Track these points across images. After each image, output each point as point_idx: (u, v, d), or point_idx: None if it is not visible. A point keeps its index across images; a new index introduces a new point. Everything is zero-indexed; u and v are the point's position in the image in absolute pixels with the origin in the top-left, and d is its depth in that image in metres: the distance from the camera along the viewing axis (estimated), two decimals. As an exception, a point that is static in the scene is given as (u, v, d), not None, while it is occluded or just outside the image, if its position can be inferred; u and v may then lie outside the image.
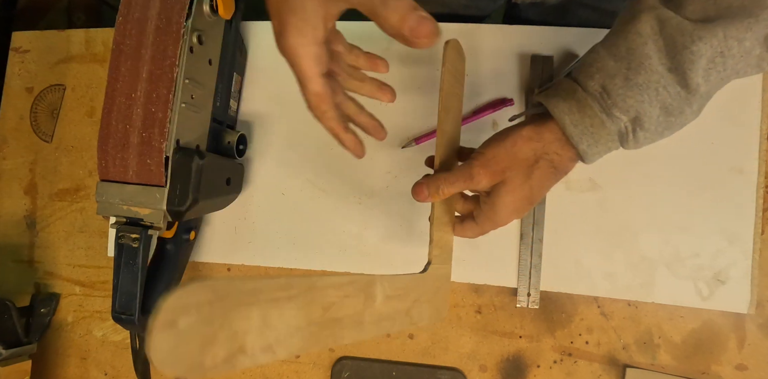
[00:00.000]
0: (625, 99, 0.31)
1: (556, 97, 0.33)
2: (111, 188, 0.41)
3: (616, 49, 0.31)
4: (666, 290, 0.47)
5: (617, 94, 0.31)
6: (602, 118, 0.32)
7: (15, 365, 0.51)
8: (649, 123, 0.31)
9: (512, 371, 0.49)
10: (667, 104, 0.31)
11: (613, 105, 0.31)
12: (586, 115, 0.32)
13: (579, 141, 0.32)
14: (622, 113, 0.31)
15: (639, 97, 0.30)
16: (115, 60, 0.41)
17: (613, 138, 0.32)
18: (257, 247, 0.53)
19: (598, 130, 0.32)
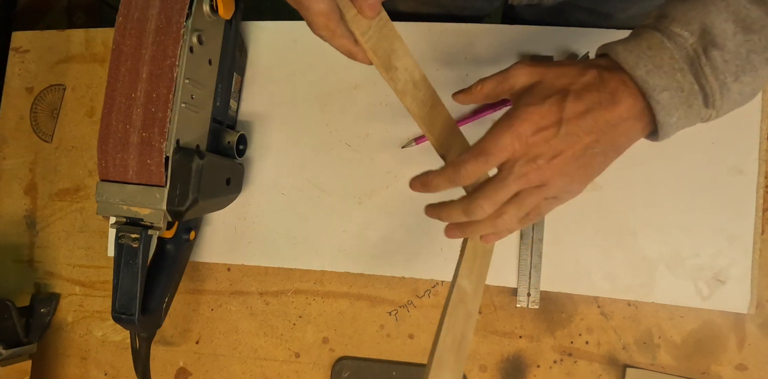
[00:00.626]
0: (686, 12, 0.26)
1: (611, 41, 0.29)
2: (111, 188, 0.41)
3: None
4: (666, 290, 0.47)
5: (675, 9, 0.26)
6: (660, 38, 0.26)
7: (15, 365, 0.51)
8: (724, 39, 0.25)
9: (512, 371, 0.49)
10: (743, 16, 0.25)
11: (672, 21, 0.26)
12: (642, 39, 0.27)
13: (635, 65, 0.26)
14: (683, 28, 0.26)
15: (702, 7, 0.25)
16: (115, 60, 0.41)
17: (681, 65, 0.26)
18: (257, 247, 0.53)
19: (657, 52, 0.26)
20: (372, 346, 0.51)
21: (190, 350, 0.54)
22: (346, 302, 0.52)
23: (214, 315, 0.54)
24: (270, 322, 0.53)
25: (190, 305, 0.54)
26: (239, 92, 0.54)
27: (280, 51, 0.55)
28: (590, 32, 0.50)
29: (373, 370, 0.50)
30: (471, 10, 0.59)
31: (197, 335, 0.54)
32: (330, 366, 0.51)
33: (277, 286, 0.53)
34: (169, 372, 0.54)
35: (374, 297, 0.51)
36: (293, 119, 0.54)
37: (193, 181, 0.41)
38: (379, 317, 0.51)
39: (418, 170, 0.51)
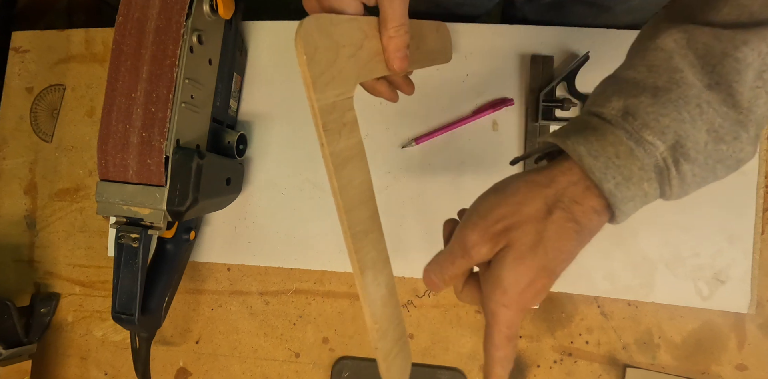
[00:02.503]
0: (658, 118, 0.23)
1: (567, 131, 0.26)
2: (111, 188, 0.41)
3: (633, 71, 0.26)
4: (666, 289, 0.47)
5: (646, 112, 0.24)
6: (630, 145, 0.24)
7: (15, 364, 0.51)
8: (695, 150, 0.23)
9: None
10: (716, 126, 0.23)
11: (643, 126, 0.24)
12: (608, 142, 0.24)
13: (603, 177, 0.24)
14: (656, 137, 0.23)
15: (676, 114, 0.23)
16: (115, 60, 0.41)
17: (649, 175, 0.24)
18: (257, 247, 0.53)
19: (626, 162, 0.24)
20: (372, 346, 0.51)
21: (190, 350, 0.54)
22: (346, 301, 0.52)
23: (214, 315, 0.54)
24: (270, 322, 0.53)
25: (190, 305, 0.54)
26: (239, 92, 0.54)
27: (280, 51, 0.55)
28: (590, 32, 0.50)
29: (373, 370, 0.50)
30: (469, 6, 0.59)
31: (197, 335, 0.54)
32: (330, 366, 0.51)
33: (277, 286, 0.53)
34: (169, 372, 0.54)
35: (374, 297, 0.51)
36: (293, 119, 0.54)
37: (193, 181, 0.41)
38: (379, 317, 0.51)
39: (418, 170, 0.52)
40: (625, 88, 0.25)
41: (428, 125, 0.52)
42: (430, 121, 0.52)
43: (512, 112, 0.51)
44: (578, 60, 0.49)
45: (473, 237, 0.26)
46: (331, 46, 0.28)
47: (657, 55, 0.25)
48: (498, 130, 0.51)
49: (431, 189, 0.51)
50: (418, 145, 0.51)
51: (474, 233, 0.26)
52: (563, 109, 0.48)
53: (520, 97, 0.51)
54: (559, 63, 0.51)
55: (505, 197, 0.26)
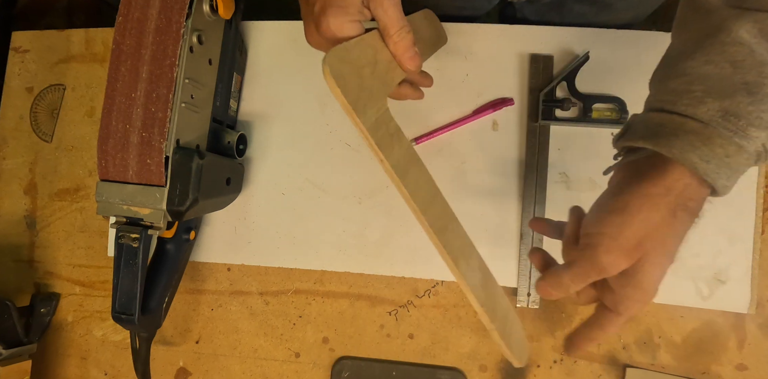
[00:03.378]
0: (761, 115, 0.26)
1: (661, 137, 0.27)
2: (111, 188, 0.41)
3: (715, 67, 0.27)
4: (666, 289, 0.47)
5: (747, 111, 0.26)
6: (739, 143, 0.26)
7: (15, 364, 0.51)
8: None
9: (512, 371, 0.49)
10: None
11: (748, 125, 0.26)
12: (717, 144, 0.26)
13: (717, 177, 0.26)
14: (760, 131, 0.26)
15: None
16: (115, 60, 0.41)
17: (750, 161, 0.27)
18: (257, 247, 0.53)
19: (736, 158, 0.26)
20: (372, 346, 0.51)
21: (190, 350, 0.54)
22: (346, 301, 0.52)
23: (214, 315, 0.54)
24: (270, 322, 0.53)
25: (190, 305, 0.54)
26: (239, 92, 0.54)
27: (280, 51, 0.55)
28: (590, 32, 0.50)
29: (373, 370, 0.50)
30: (470, 9, 0.59)
31: (197, 335, 0.54)
32: (330, 366, 0.51)
33: (277, 286, 0.53)
34: (169, 372, 0.54)
35: (374, 297, 0.51)
36: (293, 119, 0.54)
37: (193, 181, 0.41)
38: (379, 317, 0.51)
39: (418, 170, 0.52)
40: (715, 88, 0.26)
41: (428, 125, 0.52)
42: (430, 121, 0.52)
43: (512, 112, 0.51)
44: (578, 60, 0.49)
45: (610, 258, 0.28)
46: (353, 70, 0.30)
47: (738, 50, 0.26)
48: (498, 130, 0.51)
49: (431, 189, 0.51)
50: (418, 145, 0.51)
51: (610, 255, 0.28)
52: (563, 109, 0.48)
53: (520, 97, 0.51)
54: (559, 63, 0.51)
55: (630, 216, 0.27)
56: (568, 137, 0.50)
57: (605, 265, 0.28)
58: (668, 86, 0.28)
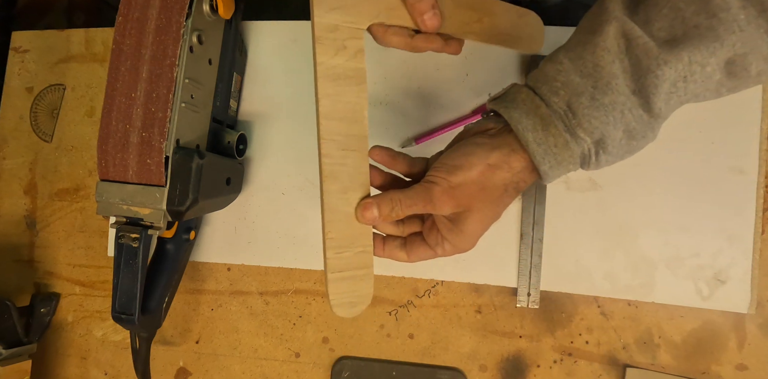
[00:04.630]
0: (591, 120, 0.30)
1: (517, 110, 0.31)
2: (111, 188, 0.41)
3: (582, 64, 0.30)
4: (666, 289, 0.47)
5: (583, 113, 0.30)
6: (566, 138, 0.30)
7: (15, 364, 0.51)
8: (612, 146, 0.30)
9: (512, 371, 0.49)
10: (630, 128, 0.30)
11: (578, 125, 0.30)
12: (551, 133, 0.30)
13: (541, 161, 0.31)
14: (586, 134, 0.30)
15: (604, 118, 0.29)
16: (115, 60, 0.41)
17: (575, 160, 0.31)
18: (257, 247, 0.53)
19: (561, 151, 0.31)
20: (372, 346, 0.51)
21: (190, 350, 0.54)
22: (346, 301, 0.52)
23: (214, 315, 0.54)
24: (270, 322, 0.53)
25: (190, 305, 0.54)
26: (239, 92, 0.54)
27: (280, 51, 0.55)
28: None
29: (373, 370, 0.50)
30: None
31: (197, 335, 0.54)
32: (330, 366, 0.51)
33: (277, 286, 0.53)
34: (169, 372, 0.54)
35: (374, 297, 0.51)
36: (293, 119, 0.54)
37: (193, 181, 0.41)
38: (379, 317, 0.51)
39: (418, 170, 0.51)
40: (571, 83, 0.30)
41: (428, 125, 0.52)
42: (430, 121, 0.52)
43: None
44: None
45: (443, 198, 0.32)
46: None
47: (603, 57, 0.30)
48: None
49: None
50: (418, 145, 0.51)
51: (443, 196, 0.32)
52: (563, 109, 0.48)
53: (520, 97, 0.51)
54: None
55: (472, 176, 0.32)
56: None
57: (435, 201, 0.32)
58: (545, 68, 0.32)
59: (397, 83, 0.53)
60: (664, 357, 0.47)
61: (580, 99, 0.30)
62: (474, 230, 0.33)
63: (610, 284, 0.48)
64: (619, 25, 0.30)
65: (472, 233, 0.34)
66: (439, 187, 0.32)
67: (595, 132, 0.30)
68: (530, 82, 0.33)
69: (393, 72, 0.53)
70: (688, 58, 0.28)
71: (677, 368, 0.47)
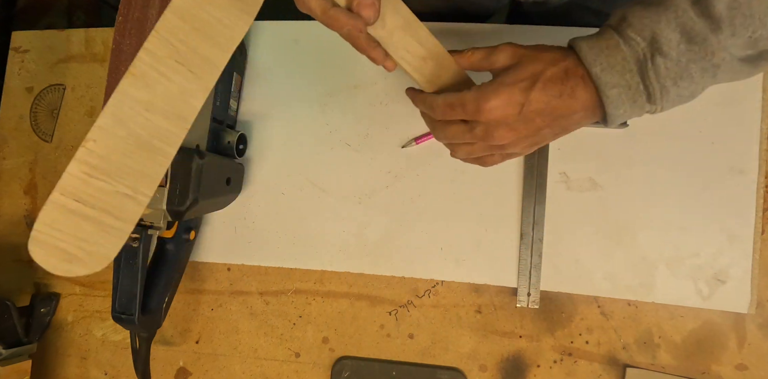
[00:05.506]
0: (641, 19, 0.29)
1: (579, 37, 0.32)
2: (111, 188, 0.41)
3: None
4: (666, 289, 0.47)
5: (633, 15, 0.29)
6: (617, 39, 0.29)
7: (15, 364, 0.51)
8: (668, 47, 0.28)
9: (512, 370, 0.49)
10: (687, 28, 0.28)
11: (628, 26, 0.29)
12: (603, 38, 0.30)
13: (593, 62, 0.30)
14: (636, 34, 0.29)
15: (655, 16, 0.28)
16: (115, 60, 0.41)
17: (631, 66, 0.29)
18: (257, 247, 0.53)
19: (613, 52, 0.29)
20: (372, 346, 0.51)
21: (190, 350, 0.54)
22: (346, 301, 0.52)
23: (214, 315, 0.54)
24: (270, 322, 0.53)
25: (190, 305, 0.54)
26: (239, 92, 0.54)
27: (280, 51, 0.55)
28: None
29: (373, 370, 0.50)
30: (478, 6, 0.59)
31: (197, 335, 0.54)
32: (330, 366, 0.51)
33: (277, 286, 0.53)
34: (169, 372, 0.54)
35: (374, 297, 0.51)
36: (293, 119, 0.54)
37: (193, 181, 0.41)
38: (379, 317, 0.51)
39: (419, 170, 0.52)
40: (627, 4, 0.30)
41: (428, 125, 0.52)
42: (430, 121, 0.52)
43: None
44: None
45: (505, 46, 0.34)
46: None
47: None
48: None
49: (431, 189, 0.51)
50: (418, 145, 0.51)
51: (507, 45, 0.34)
52: (563, 109, 0.48)
53: (520, 97, 0.51)
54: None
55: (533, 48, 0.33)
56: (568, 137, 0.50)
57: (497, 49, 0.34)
58: None
59: (397, 83, 0.53)
60: (664, 357, 0.47)
61: (633, 7, 0.30)
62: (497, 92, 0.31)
63: (610, 284, 0.48)
64: None
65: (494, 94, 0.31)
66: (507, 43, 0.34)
67: (646, 30, 0.29)
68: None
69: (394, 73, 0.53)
70: None
71: (677, 368, 0.47)
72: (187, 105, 0.27)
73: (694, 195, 0.48)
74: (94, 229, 0.25)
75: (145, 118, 0.25)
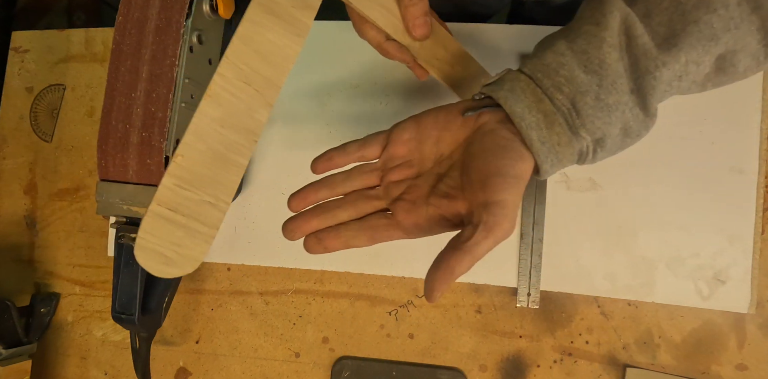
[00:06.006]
0: (594, 120, 0.29)
1: (519, 103, 0.30)
2: (111, 188, 0.41)
3: (586, 59, 0.29)
4: (666, 289, 0.47)
5: (587, 114, 0.29)
6: (570, 136, 0.29)
7: (15, 364, 0.51)
8: (610, 143, 0.30)
9: (512, 370, 0.49)
10: (628, 126, 0.29)
11: (581, 125, 0.29)
12: (554, 132, 0.29)
13: (544, 160, 0.29)
14: (588, 134, 0.29)
15: (607, 118, 0.29)
16: (115, 60, 0.41)
17: (573, 158, 0.30)
18: (257, 247, 0.53)
19: (563, 150, 0.29)
20: (372, 346, 0.51)
21: (190, 350, 0.54)
22: (346, 301, 0.52)
23: (214, 315, 0.54)
24: (270, 322, 0.53)
25: (190, 305, 0.54)
26: (239, 92, 0.54)
27: (280, 51, 0.55)
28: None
29: (373, 370, 0.50)
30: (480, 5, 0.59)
31: (197, 335, 0.54)
32: (330, 366, 0.51)
33: (277, 286, 0.53)
34: (169, 372, 0.54)
35: (374, 297, 0.51)
36: (293, 119, 0.54)
37: (193, 181, 0.41)
38: (379, 317, 0.51)
39: (418, 170, 0.52)
40: (575, 79, 0.29)
41: (428, 125, 0.52)
42: (430, 121, 0.52)
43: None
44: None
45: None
46: None
47: (611, 54, 0.29)
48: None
49: (431, 189, 0.51)
50: (418, 145, 0.51)
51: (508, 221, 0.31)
52: (563, 109, 0.48)
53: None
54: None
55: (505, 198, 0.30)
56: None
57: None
58: (545, 58, 0.30)
59: (397, 83, 0.53)
60: (664, 357, 0.47)
61: (585, 98, 0.29)
62: None
63: (610, 284, 0.48)
64: (622, 19, 0.29)
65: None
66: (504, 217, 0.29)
67: (597, 132, 0.29)
68: (528, 71, 0.31)
69: (395, 74, 0.53)
70: (685, 59, 0.28)
71: (677, 368, 0.47)
72: (253, 120, 0.30)
73: (694, 195, 0.48)
74: (185, 234, 0.28)
75: (220, 134, 0.29)
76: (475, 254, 0.27)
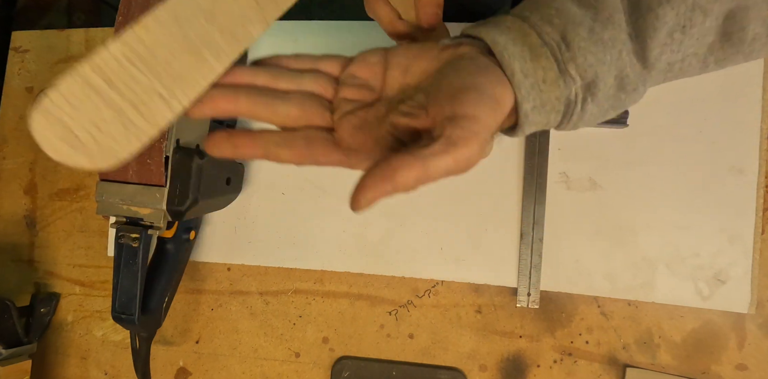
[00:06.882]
0: (586, 54, 0.25)
1: (503, 35, 0.26)
2: (111, 188, 0.41)
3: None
4: (666, 289, 0.47)
5: (578, 46, 0.25)
6: (556, 73, 0.25)
7: (15, 364, 0.51)
8: (602, 93, 0.26)
9: (512, 370, 0.49)
10: (624, 74, 0.26)
11: (571, 59, 0.25)
12: (540, 66, 0.25)
13: (525, 97, 0.25)
14: (578, 73, 0.25)
15: (601, 55, 0.25)
16: (115, 60, 0.41)
17: (560, 107, 0.26)
18: (257, 247, 0.53)
19: (548, 89, 0.25)
20: (372, 346, 0.51)
21: (190, 349, 0.54)
22: (346, 301, 0.52)
23: (214, 315, 0.54)
24: (270, 322, 0.53)
25: (190, 305, 0.54)
26: (239, 92, 0.54)
27: (280, 51, 0.55)
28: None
29: (373, 370, 0.50)
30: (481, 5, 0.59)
31: (197, 335, 0.54)
32: (330, 366, 0.51)
33: (277, 286, 0.53)
34: (169, 372, 0.54)
35: (374, 297, 0.51)
36: (293, 119, 0.54)
37: (193, 181, 0.41)
38: (379, 317, 0.51)
39: (418, 170, 0.52)
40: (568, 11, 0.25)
41: (428, 125, 0.52)
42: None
43: (512, 112, 0.51)
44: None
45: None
46: None
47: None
48: (498, 130, 0.51)
49: (432, 188, 0.51)
50: (418, 145, 0.51)
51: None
52: (563, 109, 0.48)
53: (520, 97, 0.51)
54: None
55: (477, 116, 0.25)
56: (568, 137, 0.50)
57: None
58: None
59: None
60: (664, 357, 0.47)
61: (577, 29, 0.25)
62: None
63: (610, 284, 0.48)
64: None
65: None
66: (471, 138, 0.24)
67: (589, 71, 0.25)
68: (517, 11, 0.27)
69: (393, 72, 0.53)
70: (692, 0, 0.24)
71: (677, 368, 0.47)
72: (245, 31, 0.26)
73: (694, 195, 0.48)
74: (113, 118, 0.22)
75: (202, 25, 0.24)
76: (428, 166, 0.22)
